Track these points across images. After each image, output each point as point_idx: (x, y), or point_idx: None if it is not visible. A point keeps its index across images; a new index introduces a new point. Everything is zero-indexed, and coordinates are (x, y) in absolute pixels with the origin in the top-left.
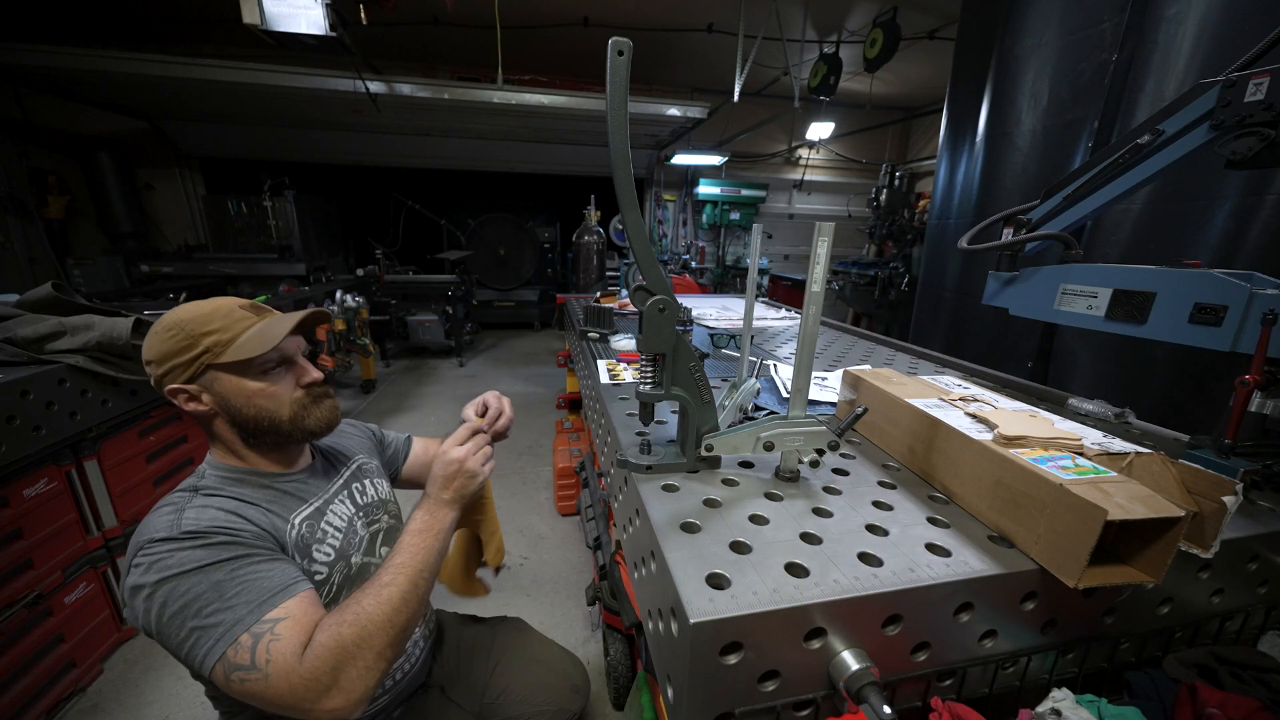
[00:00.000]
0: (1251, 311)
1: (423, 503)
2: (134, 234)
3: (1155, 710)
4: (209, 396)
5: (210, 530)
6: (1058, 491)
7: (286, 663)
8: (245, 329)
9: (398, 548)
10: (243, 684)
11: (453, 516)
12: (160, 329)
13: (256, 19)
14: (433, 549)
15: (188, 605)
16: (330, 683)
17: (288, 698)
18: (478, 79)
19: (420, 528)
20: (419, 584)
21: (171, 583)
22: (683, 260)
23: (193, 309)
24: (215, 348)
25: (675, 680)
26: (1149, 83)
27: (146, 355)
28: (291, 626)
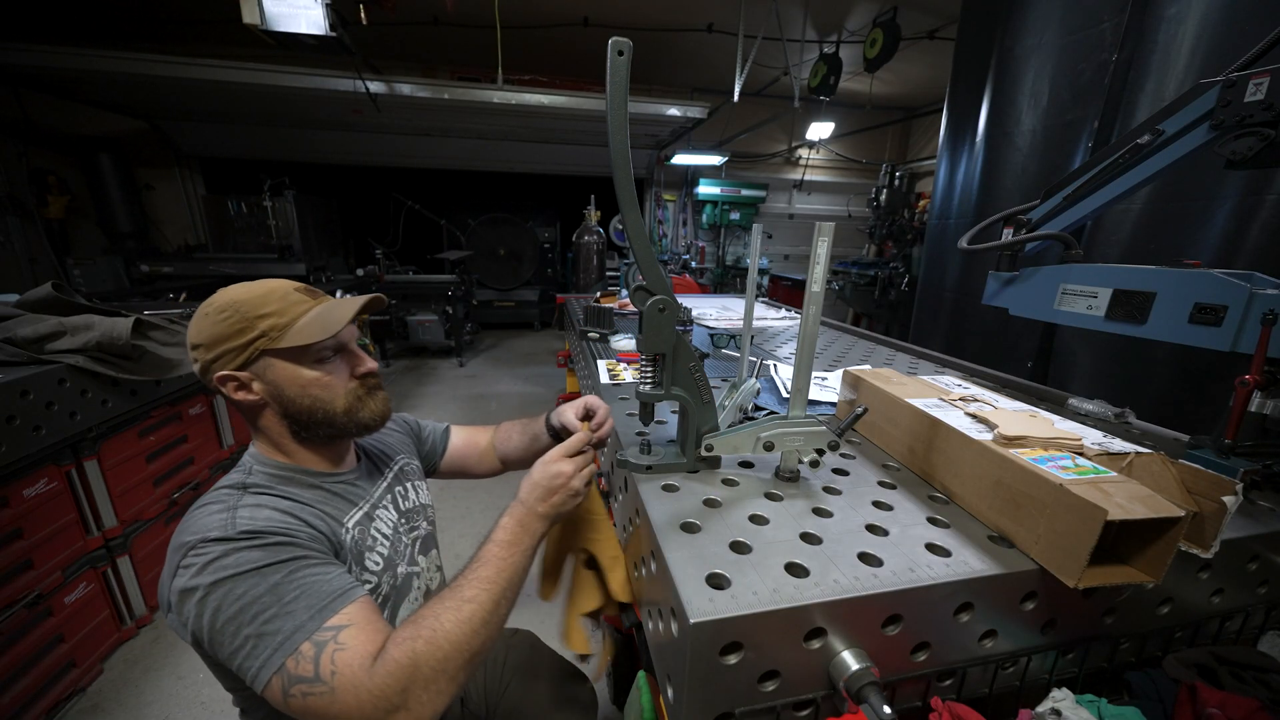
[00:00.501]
0: (1251, 311)
1: (513, 510)
2: (134, 234)
3: (1155, 710)
4: (260, 385)
5: (267, 530)
6: (1058, 491)
7: (354, 675)
8: (302, 312)
9: (482, 558)
10: (304, 699)
11: (543, 531)
12: (211, 310)
13: (256, 19)
14: (519, 566)
15: (244, 609)
16: (399, 703)
17: (354, 714)
18: (478, 79)
19: (509, 539)
20: (501, 604)
21: (228, 584)
22: (683, 260)
23: (245, 290)
24: (271, 332)
25: (675, 680)
26: (1149, 83)
27: (195, 338)
28: (356, 635)
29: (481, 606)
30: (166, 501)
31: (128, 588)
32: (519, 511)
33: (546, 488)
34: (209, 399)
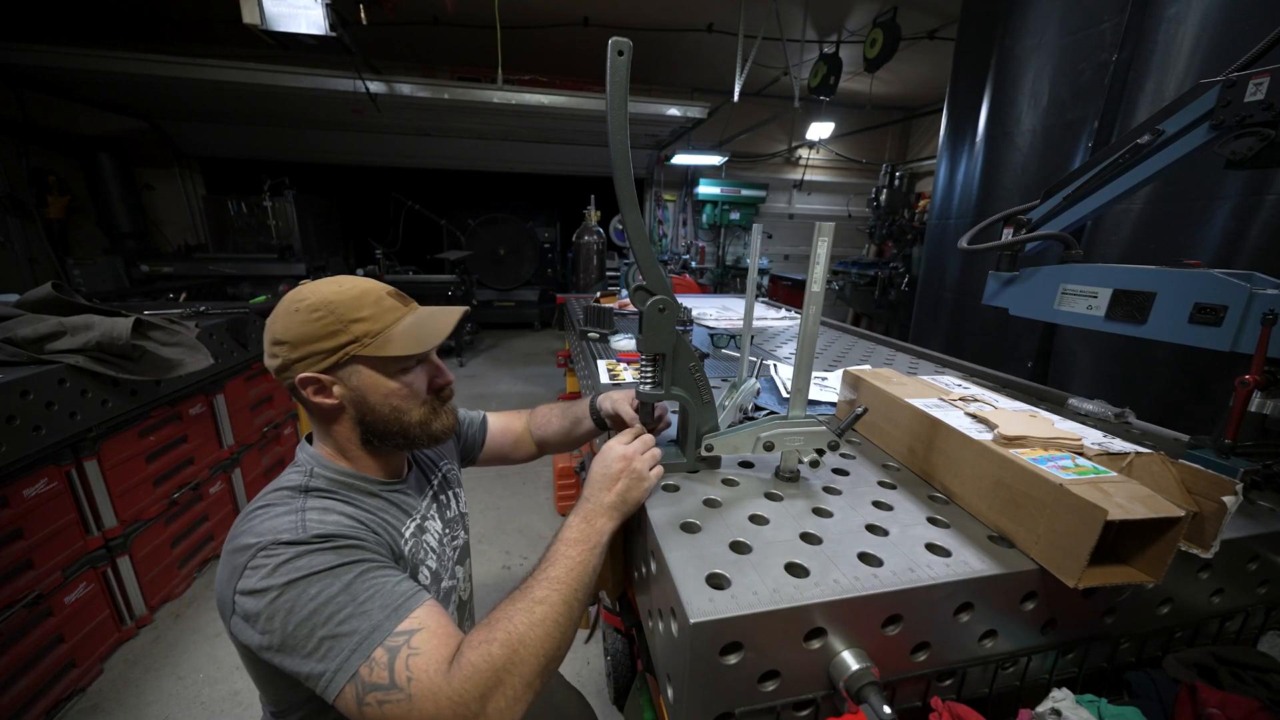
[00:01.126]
0: (1251, 311)
1: (579, 508)
2: (134, 234)
3: (1155, 710)
4: (341, 389)
5: (338, 534)
6: (1058, 491)
7: (432, 681)
8: (396, 320)
9: (550, 558)
10: (380, 707)
11: (612, 526)
12: (302, 308)
13: (256, 19)
14: (588, 564)
15: (318, 609)
16: (478, 710)
17: (430, 709)
18: (478, 79)
19: (577, 537)
20: (573, 604)
21: (301, 585)
22: (683, 260)
23: (338, 289)
24: (365, 338)
25: (675, 680)
26: (1149, 83)
27: (280, 335)
28: (429, 639)
29: (553, 608)
30: (166, 501)
31: (128, 588)
32: (585, 509)
33: (607, 476)
34: (209, 399)
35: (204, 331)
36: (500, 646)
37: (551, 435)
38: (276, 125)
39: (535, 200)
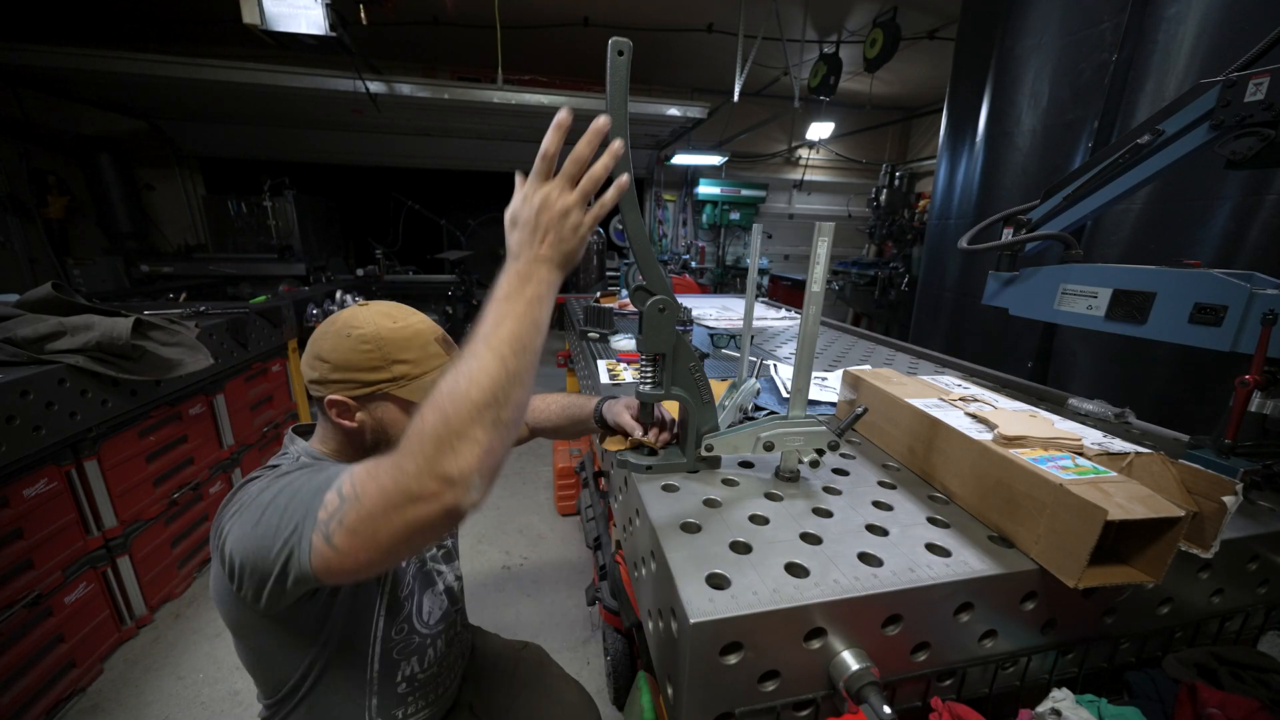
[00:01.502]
0: (1251, 311)
1: (507, 266)
2: (134, 234)
3: (1155, 710)
4: (365, 416)
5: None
6: (1058, 491)
7: (374, 474)
8: (435, 367)
9: (479, 319)
10: (341, 525)
11: (552, 278)
12: (354, 335)
13: (256, 19)
14: (522, 314)
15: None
16: (427, 469)
17: (389, 500)
18: (478, 79)
19: (508, 292)
20: (504, 355)
21: (274, 482)
22: (683, 260)
23: (392, 327)
24: (402, 379)
25: (675, 680)
26: (1149, 83)
27: (326, 354)
28: (368, 463)
29: (479, 358)
30: (166, 501)
31: (128, 588)
32: (515, 266)
33: (538, 227)
34: (209, 399)
35: (204, 331)
36: (430, 410)
37: (546, 425)
38: (276, 125)
39: None
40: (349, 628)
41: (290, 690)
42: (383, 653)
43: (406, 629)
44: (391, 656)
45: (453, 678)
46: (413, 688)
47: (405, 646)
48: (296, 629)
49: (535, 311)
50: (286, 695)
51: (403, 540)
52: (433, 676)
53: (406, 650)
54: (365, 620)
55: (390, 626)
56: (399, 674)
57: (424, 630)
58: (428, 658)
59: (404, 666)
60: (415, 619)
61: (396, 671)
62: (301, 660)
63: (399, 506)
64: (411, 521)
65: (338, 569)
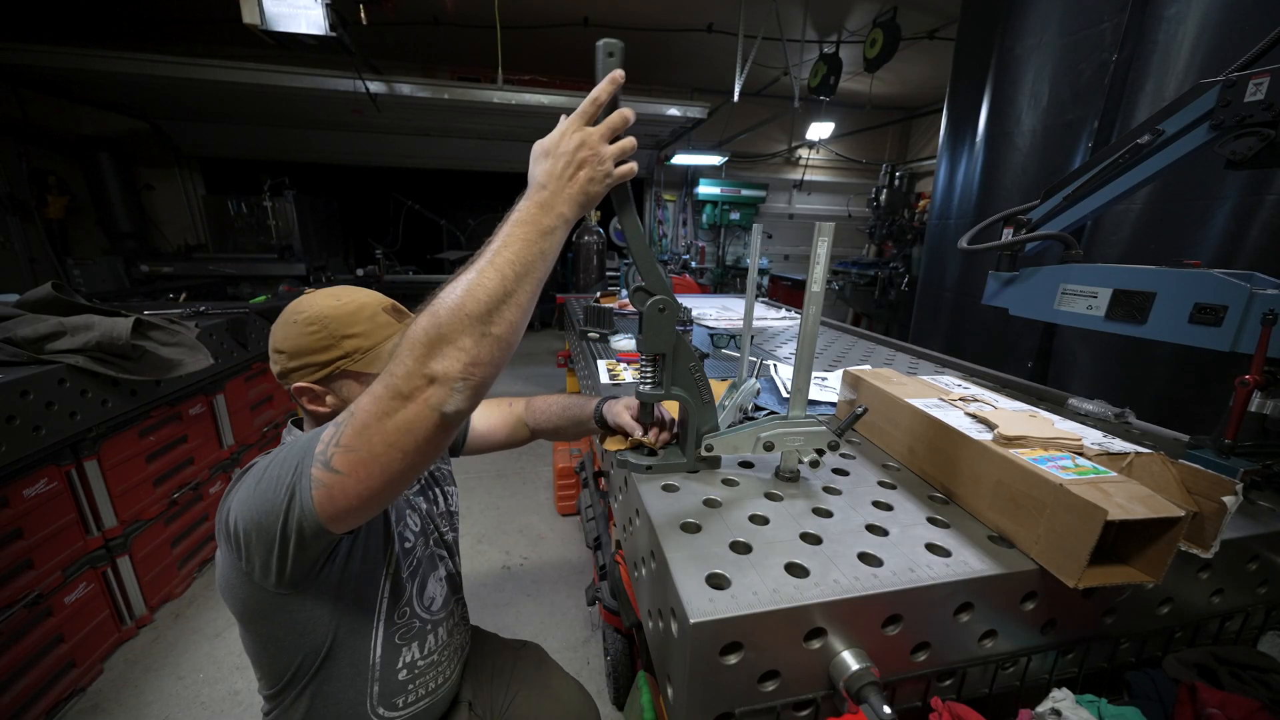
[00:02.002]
0: (1251, 311)
1: (530, 193)
2: (134, 234)
3: (1155, 710)
4: (334, 399)
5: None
6: (1058, 491)
7: (364, 393)
8: (388, 336)
9: (493, 239)
10: (338, 445)
11: (569, 216)
12: (300, 320)
13: (256, 19)
14: (531, 241)
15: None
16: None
17: (374, 408)
18: (478, 79)
19: (523, 218)
20: (505, 273)
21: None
22: (683, 260)
23: (334, 304)
24: (355, 354)
25: (675, 680)
26: (1149, 83)
27: (279, 344)
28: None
29: (480, 272)
30: (166, 501)
31: (128, 588)
32: (541, 195)
33: (570, 162)
34: (209, 399)
35: (204, 331)
36: (423, 316)
37: (546, 426)
38: (276, 125)
39: None
40: (354, 607)
41: (293, 678)
42: (385, 637)
43: (409, 613)
44: (394, 641)
45: (452, 668)
46: (413, 674)
47: (407, 631)
48: (305, 607)
49: (545, 242)
50: (290, 683)
51: (397, 449)
52: (433, 664)
53: (408, 635)
54: (369, 599)
55: (393, 609)
56: (400, 660)
57: (425, 615)
58: (428, 644)
59: (405, 653)
60: (416, 602)
61: (398, 658)
62: (308, 644)
63: (390, 411)
64: (401, 424)
65: (340, 497)
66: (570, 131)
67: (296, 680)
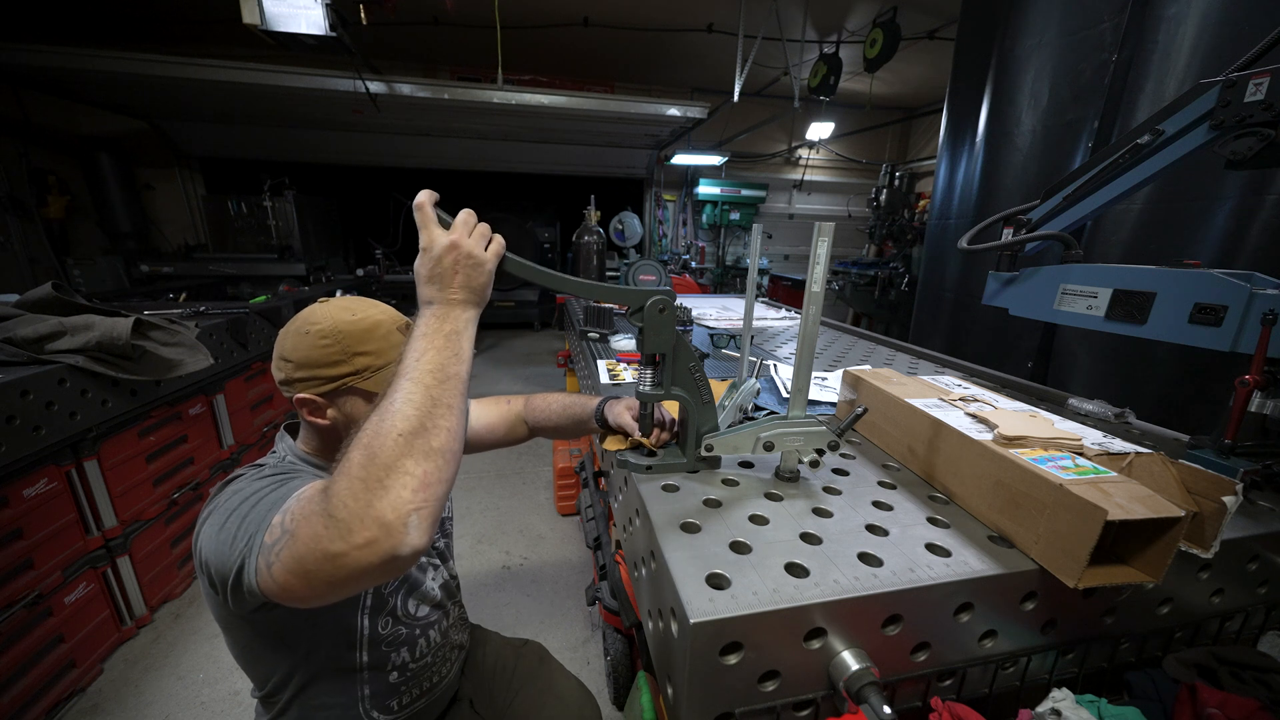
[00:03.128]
0: (1251, 311)
1: (423, 310)
2: (134, 234)
3: (1155, 710)
4: (335, 413)
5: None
6: (1058, 491)
7: (303, 514)
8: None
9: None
10: (279, 560)
11: (468, 315)
12: (313, 332)
13: (256, 19)
14: (444, 349)
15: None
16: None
17: (315, 547)
18: (478, 79)
19: (425, 331)
20: (430, 386)
21: (236, 485)
22: (683, 260)
23: (350, 319)
24: (365, 371)
25: (675, 680)
26: (1149, 83)
27: (288, 353)
28: (309, 491)
29: (401, 390)
30: (166, 502)
31: (128, 588)
32: (432, 310)
33: (444, 271)
34: (209, 399)
35: (204, 331)
36: (355, 450)
37: (546, 425)
38: (276, 125)
39: (535, 200)
40: (333, 625)
41: (280, 684)
42: (370, 645)
43: (391, 622)
44: (380, 649)
45: (448, 667)
46: (405, 677)
47: (394, 639)
48: (278, 625)
49: (455, 344)
50: (277, 688)
51: (340, 585)
52: (426, 666)
53: (395, 642)
54: (349, 616)
55: (376, 621)
56: (390, 664)
57: (410, 623)
58: (419, 647)
59: (394, 657)
60: (401, 612)
61: (387, 662)
62: (288, 657)
63: (333, 555)
64: (345, 568)
65: (282, 599)
66: (430, 246)
67: (284, 686)
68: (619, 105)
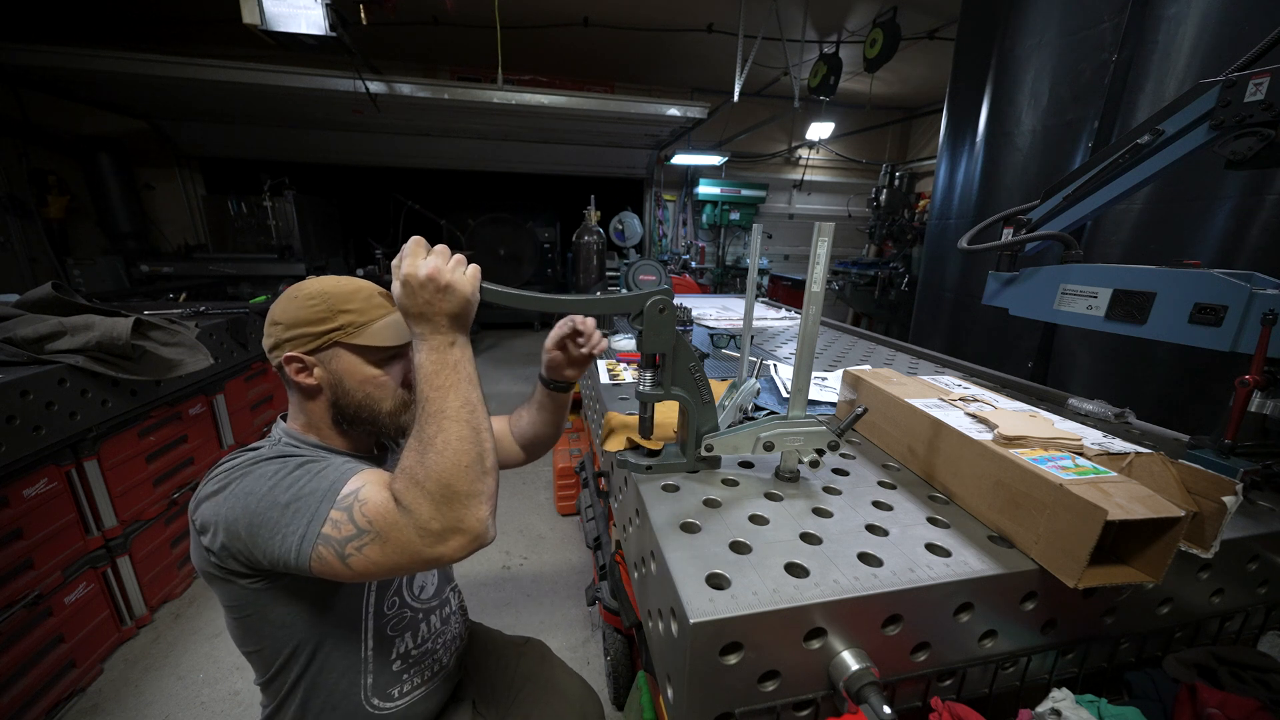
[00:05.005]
0: (1251, 311)
1: (418, 347)
2: (134, 234)
3: (1155, 710)
4: (321, 371)
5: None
6: (1058, 491)
7: (390, 521)
8: (380, 316)
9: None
10: (361, 551)
11: (462, 342)
12: (300, 295)
13: (256, 19)
14: (460, 384)
15: (277, 484)
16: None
17: (410, 554)
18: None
19: (435, 369)
20: (467, 419)
21: (257, 469)
22: (683, 260)
23: (336, 284)
24: (349, 326)
25: (675, 680)
26: (1149, 83)
27: (277, 316)
28: (372, 491)
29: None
30: (166, 501)
31: (128, 588)
32: (426, 346)
33: (424, 302)
34: (209, 399)
35: (204, 331)
36: (433, 485)
37: (526, 429)
38: (276, 125)
39: (535, 200)
40: (340, 603)
41: (284, 667)
42: (376, 628)
43: (398, 603)
44: (385, 633)
45: (449, 654)
46: (407, 664)
47: (398, 622)
48: (284, 602)
49: (464, 371)
50: (281, 671)
51: (416, 565)
52: (427, 652)
53: (400, 625)
54: (355, 594)
55: (381, 600)
56: (394, 651)
57: (415, 605)
58: (420, 633)
59: (398, 643)
60: (406, 593)
61: (391, 649)
62: (294, 637)
63: (428, 559)
64: (439, 562)
65: (338, 576)
66: (412, 283)
67: (288, 670)
68: (619, 105)
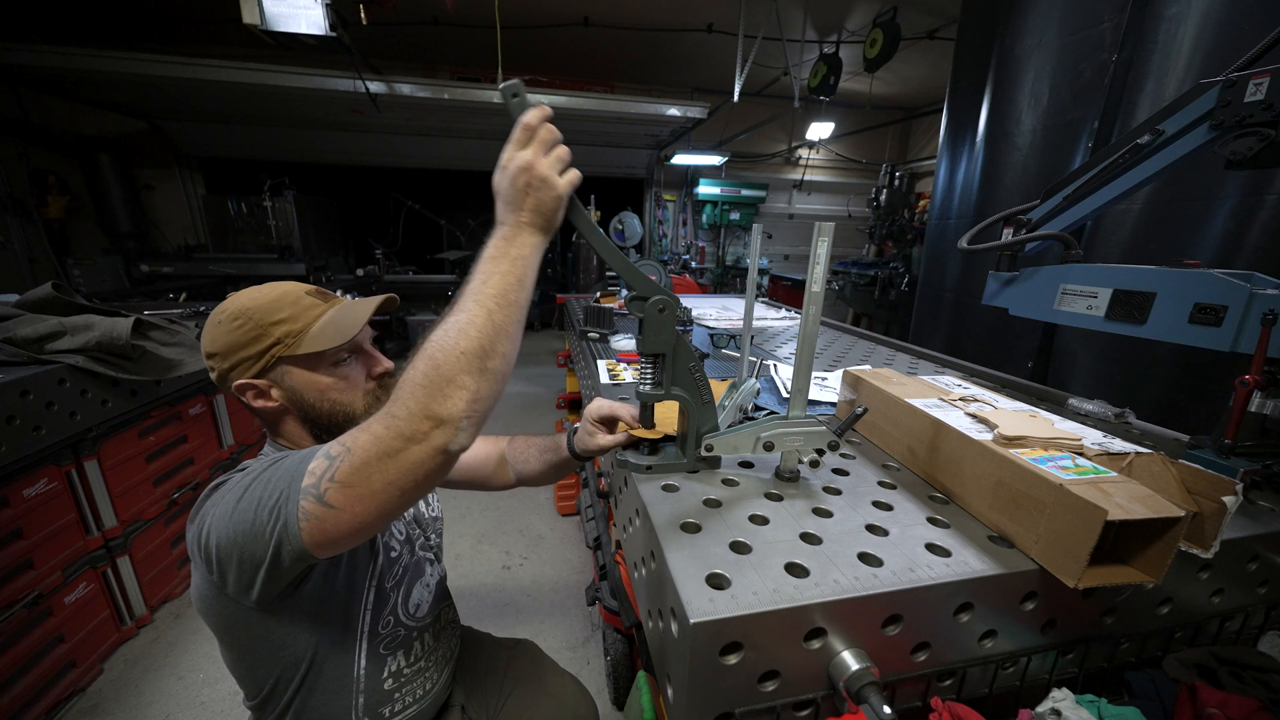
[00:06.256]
0: (1251, 311)
1: (496, 230)
2: (134, 234)
3: (1155, 710)
4: (279, 391)
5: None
6: (1058, 491)
7: (358, 430)
8: (316, 317)
9: (470, 278)
10: (334, 481)
11: (535, 241)
12: (223, 319)
13: (256, 19)
14: (509, 274)
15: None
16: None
17: (376, 448)
18: (478, 79)
19: (493, 253)
20: (492, 310)
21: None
22: (683, 260)
23: (255, 295)
24: (287, 339)
25: (675, 680)
26: (1149, 83)
27: (209, 348)
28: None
29: (467, 312)
30: (166, 501)
31: (128, 588)
32: (500, 230)
33: (515, 189)
34: (209, 399)
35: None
36: (420, 360)
37: (532, 473)
38: (276, 125)
39: None
40: (337, 620)
41: (274, 690)
42: (369, 648)
43: (392, 621)
44: (379, 651)
45: (440, 673)
46: (399, 683)
47: (392, 640)
48: (284, 623)
49: (519, 269)
50: (271, 695)
51: (396, 486)
52: (419, 671)
53: (393, 644)
54: (353, 612)
55: (377, 619)
56: (385, 670)
57: (410, 622)
58: (414, 651)
59: (390, 662)
60: (401, 610)
61: (383, 667)
62: (287, 658)
63: (393, 452)
64: (404, 464)
65: (332, 529)
66: (508, 163)
67: (278, 693)
68: (619, 105)
